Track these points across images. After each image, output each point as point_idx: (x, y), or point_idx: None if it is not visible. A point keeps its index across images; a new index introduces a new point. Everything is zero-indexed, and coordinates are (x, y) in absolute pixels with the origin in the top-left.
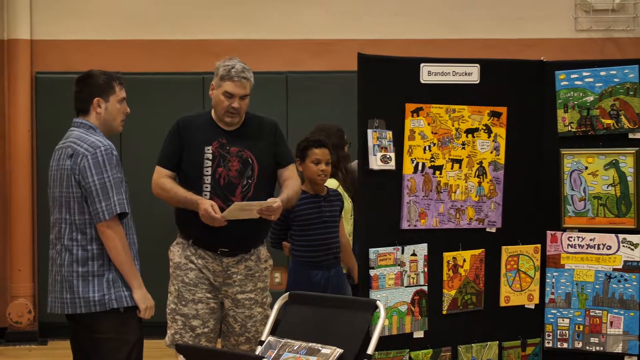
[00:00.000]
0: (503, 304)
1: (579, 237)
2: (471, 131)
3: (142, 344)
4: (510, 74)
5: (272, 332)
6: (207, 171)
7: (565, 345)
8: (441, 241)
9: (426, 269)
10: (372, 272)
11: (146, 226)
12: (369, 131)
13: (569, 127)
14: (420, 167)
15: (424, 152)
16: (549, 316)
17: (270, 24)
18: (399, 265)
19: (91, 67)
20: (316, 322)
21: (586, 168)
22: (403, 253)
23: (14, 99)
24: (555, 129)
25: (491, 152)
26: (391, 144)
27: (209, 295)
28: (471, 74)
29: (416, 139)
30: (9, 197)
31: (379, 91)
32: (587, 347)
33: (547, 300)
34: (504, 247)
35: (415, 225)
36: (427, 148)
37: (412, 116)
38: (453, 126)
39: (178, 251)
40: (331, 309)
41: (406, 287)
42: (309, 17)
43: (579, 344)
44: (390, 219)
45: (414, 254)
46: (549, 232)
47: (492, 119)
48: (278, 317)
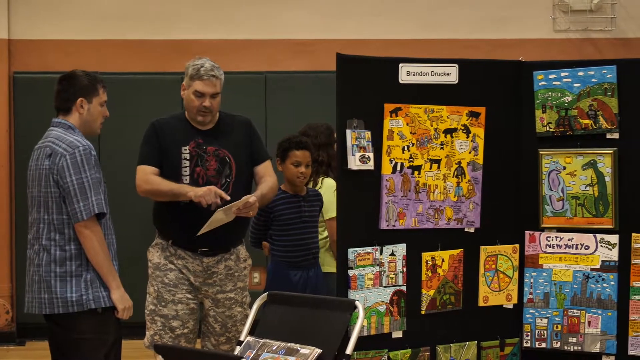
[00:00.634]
0: (481, 303)
1: (557, 237)
2: (450, 131)
3: (120, 344)
4: (488, 74)
5: (251, 332)
6: (186, 171)
7: (544, 345)
8: (420, 241)
9: (405, 269)
10: (351, 272)
11: (125, 227)
12: (348, 131)
13: (547, 127)
14: (398, 167)
15: (403, 152)
16: (527, 316)
17: (250, 24)
18: (377, 265)
19: (70, 67)
20: (295, 322)
21: (564, 168)
22: (382, 253)
23: None
24: (533, 129)
25: (470, 152)
26: (370, 144)
27: (188, 296)
28: (450, 74)
29: (395, 139)
30: None
31: (357, 91)
32: (565, 347)
33: (525, 300)
34: (482, 247)
35: (393, 225)
36: (406, 148)
37: (391, 116)
38: (432, 126)
39: (157, 252)
40: (310, 309)
41: (385, 287)
42: (288, 17)
43: (557, 343)
44: (368, 219)
45: (392, 254)
46: (527, 232)
47: (470, 119)
48: (257, 317)
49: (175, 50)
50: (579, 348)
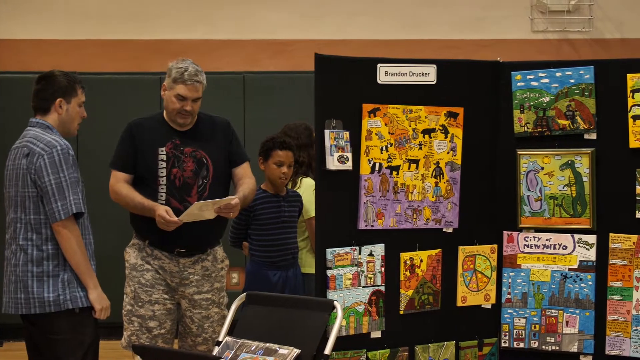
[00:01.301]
0: (460, 304)
1: (535, 237)
2: (428, 131)
3: (97, 344)
4: (466, 74)
5: (230, 333)
6: (162, 172)
7: (522, 345)
8: (398, 241)
9: (383, 269)
10: (329, 273)
11: (102, 227)
12: (326, 131)
13: (525, 127)
14: (377, 168)
15: (381, 153)
16: (505, 316)
17: (228, 23)
18: (356, 265)
19: (49, 67)
20: (273, 323)
21: (542, 168)
22: (360, 253)
23: None
24: (511, 130)
25: (448, 153)
26: (348, 144)
27: (165, 297)
28: (428, 75)
29: (373, 139)
30: None
31: (336, 91)
32: (543, 347)
33: (503, 300)
34: (460, 247)
35: (372, 226)
36: (384, 148)
37: (369, 116)
38: (410, 126)
39: (134, 252)
40: (288, 309)
41: (363, 287)
42: (267, 17)
43: (535, 343)
44: (347, 219)
45: (371, 254)
46: (505, 233)
47: (448, 119)
48: (235, 317)
49: (154, 50)
50: (557, 348)
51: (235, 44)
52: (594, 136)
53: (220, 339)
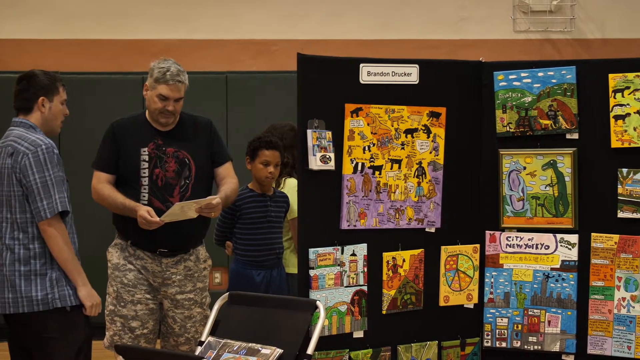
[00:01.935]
0: (442, 303)
1: (517, 237)
2: (410, 131)
3: (90, 342)
4: (449, 74)
5: (212, 333)
6: (144, 172)
7: (504, 345)
8: (381, 241)
9: (366, 269)
10: (312, 272)
11: (85, 226)
12: (309, 131)
13: (508, 127)
14: (359, 167)
15: (364, 152)
16: (487, 315)
17: (210, 23)
18: (338, 265)
19: (28, 66)
20: (256, 323)
21: (524, 168)
22: (343, 253)
23: None
24: (493, 130)
25: (430, 153)
26: (331, 144)
27: (148, 296)
28: (410, 75)
29: (355, 139)
30: None
31: (318, 91)
32: (526, 346)
33: (486, 300)
34: (443, 247)
35: (354, 226)
36: (367, 148)
37: (352, 116)
38: (392, 126)
39: (116, 252)
40: (271, 309)
41: (346, 287)
42: (249, 17)
43: (517, 343)
44: (329, 219)
45: (353, 254)
46: (487, 232)
47: (431, 119)
48: (218, 317)
49: (135, 50)
50: (539, 347)
51: (217, 43)
52: (576, 136)
53: (202, 339)
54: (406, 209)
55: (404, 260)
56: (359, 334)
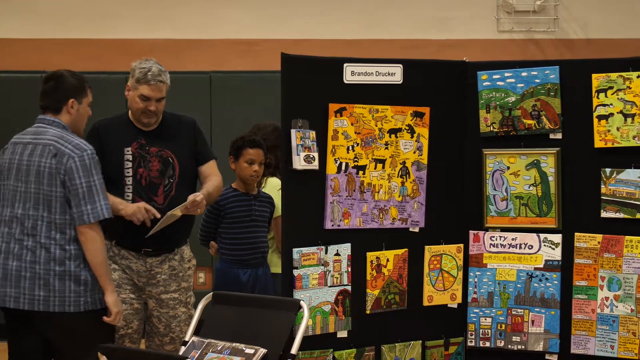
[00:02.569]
0: (426, 303)
1: (501, 237)
2: (394, 131)
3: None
4: (433, 74)
5: (196, 333)
6: (128, 172)
7: (488, 344)
8: (364, 241)
9: (350, 269)
10: (296, 272)
11: None
12: (293, 131)
13: (491, 127)
14: (343, 167)
15: (348, 152)
16: (471, 315)
17: (195, 23)
18: (322, 265)
19: (10, 66)
20: (240, 322)
21: (508, 168)
22: (327, 253)
23: None
24: (477, 129)
25: (414, 152)
26: (314, 143)
27: (132, 296)
28: (394, 74)
29: (339, 139)
30: None
31: (302, 91)
32: (509, 346)
33: (469, 300)
34: (427, 247)
35: (338, 225)
36: (351, 148)
37: (336, 116)
38: (376, 126)
39: None
40: (255, 308)
41: (330, 287)
42: (233, 16)
43: (501, 342)
44: (313, 219)
45: (337, 254)
46: (471, 232)
47: (415, 119)
48: (202, 317)
49: (118, 50)
50: (523, 347)
51: (201, 43)
52: (559, 136)
53: (186, 338)
54: (390, 208)
55: (387, 260)
56: (342, 333)
